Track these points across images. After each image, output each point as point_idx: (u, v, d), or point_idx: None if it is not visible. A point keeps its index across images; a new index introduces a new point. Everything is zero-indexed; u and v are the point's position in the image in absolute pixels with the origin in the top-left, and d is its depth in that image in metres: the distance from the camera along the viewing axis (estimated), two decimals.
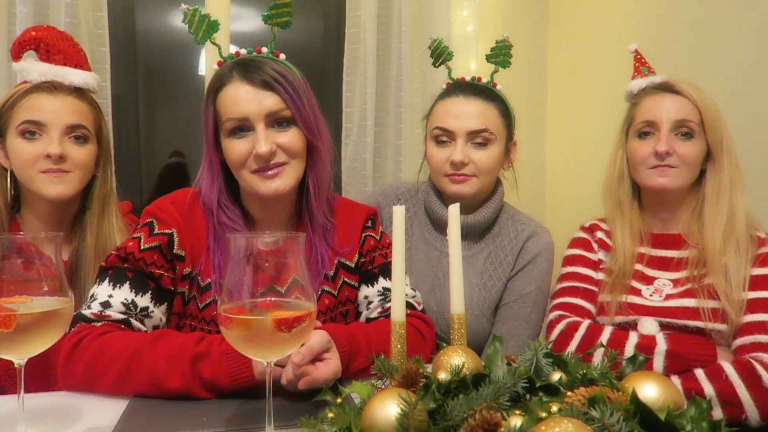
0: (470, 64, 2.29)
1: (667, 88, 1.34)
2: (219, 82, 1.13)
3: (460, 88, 1.45)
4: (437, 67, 1.55)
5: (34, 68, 1.27)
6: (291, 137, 1.11)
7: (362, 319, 1.26)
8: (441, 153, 1.42)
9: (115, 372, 0.95)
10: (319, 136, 1.16)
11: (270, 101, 1.09)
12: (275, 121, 1.10)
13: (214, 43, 1.16)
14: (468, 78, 1.49)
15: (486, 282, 1.46)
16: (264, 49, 1.16)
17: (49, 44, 1.29)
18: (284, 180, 1.11)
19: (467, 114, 1.40)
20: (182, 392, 0.94)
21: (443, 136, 1.42)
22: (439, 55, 1.51)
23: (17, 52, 1.29)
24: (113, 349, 0.96)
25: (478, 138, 1.40)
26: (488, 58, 1.52)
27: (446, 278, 1.46)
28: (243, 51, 1.15)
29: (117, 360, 0.95)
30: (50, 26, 1.38)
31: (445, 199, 1.49)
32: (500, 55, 1.50)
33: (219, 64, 1.16)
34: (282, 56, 1.17)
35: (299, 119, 1.11)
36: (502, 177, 1.54)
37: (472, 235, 1.49)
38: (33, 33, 1.30)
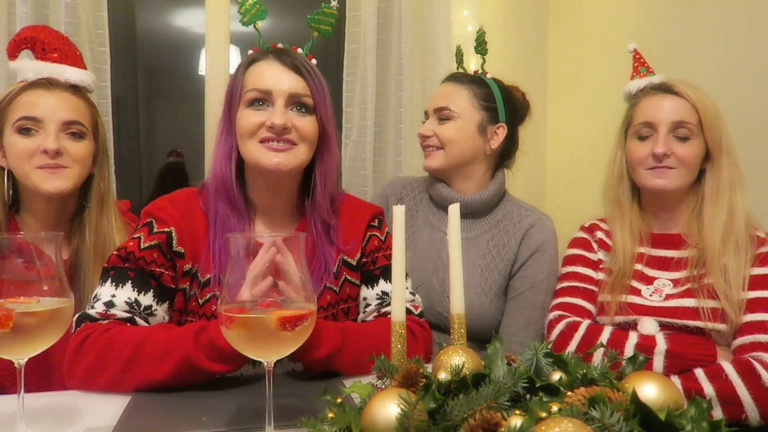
0: (470, 64, 2.29)
1: (665, 89, 1.34)
2: (252, 59, 1.17)
3: (450, 77, 1.63)
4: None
5: (30, 66, 1.27)
6: (307, 122, 1.14)
7: (359, 321, 1.26)
8: (422, 127, 1.60)
9: (123, 360, 0.96)
10: (332, 130, 1.19)
11: (296, 83, 1.13)
12: (295, 104, 1.13)
13: (257, 29, 1.22)
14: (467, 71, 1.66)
15: (489, 263, 1.52)
16: (300, 50, 1.20)
17: (45, 42, 1.29)
18: (288, 159, 1.12)
19: (438, 95, 1.59)
20: (185, 364, 0.95)
21: (426, 114, 1.62)
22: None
23: (13, 51, 1.29)
24: (121, 339, 0.98)
25: (441, 114, 1.56)
26: (476, 50, 1.71)
27: (449, 258, 1.52)
28: (280, 45, 1.20)
29: (125, 348, 0.97)
30: (45, 25, 1.38)
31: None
32: (478, 45, 1.69)
33: (255, 50, 1.20)
34: (314, 61, 1.21)
35: (319, 108, 1.15)
36: (508, 172, 1.64)
37: (474, 213, 1.57)
38: (28, 32, 1.30)
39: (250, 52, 1.20)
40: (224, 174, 1.15)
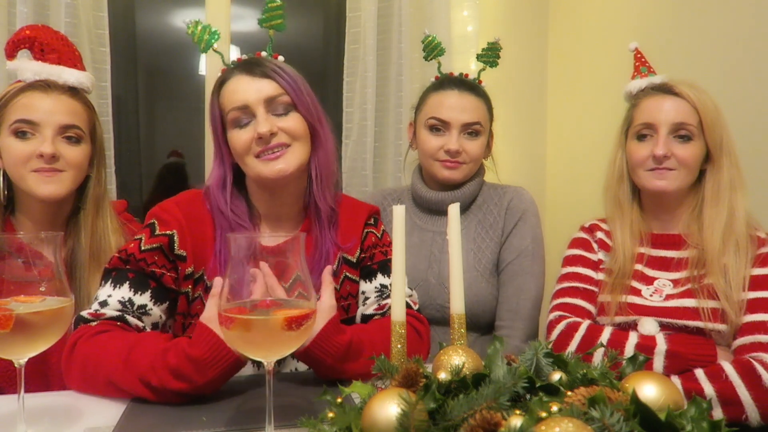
0: (470, 64, 2.29)
1: (666, 89, 1.34)
2: (221, 81, 1.19)
3: (453, 82, 1.59)
4: (428, 60, 1.67)
5: (28, 67, 1.26)
6: (292, 121, 1.15)
7: (358, 314, 1.27)
8: (435, 140, 1.56)
9: (104, 379, 0.96)
10: (320, 121, 1.19)
11: (268, 87, 1.13)
12: (275, 107, 1.14)
13: (216, 51, 1.22)
14: (456, 74, 1.64)
15: (479, 245, 1.59)
16: (263, 53, 1.21)
17: (44, 43, 1.28)
18: (287, 161, 1.13)
19: (462, 107, 1.55)
20: (159, 388, 0.92)
21: (438, 126, 1.56)
22: (432, 49, 1.66)
23: (11, 50, 1.28)
24: (100, 354, 0.97)
25: (470, 129, 1.56)
26: (479, 57, 1.67)
27: (441, 252, 1.60)
28: (244, 56, 1.21)
29: (102, 367, 0.96)
30: (44, 25, 1.36)
31: (433, 183, 1.64)
32: (490, 55, 1.66)
33: (223, 71, 1.21)
34: (280, 58, 1.21)
35: (299, 104, 1.15)
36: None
37: (460, 208, 1.59)
38: (27, 32, 1.29)
39: (219, 74, 1.21)
40: (219, 203, 1.17)
